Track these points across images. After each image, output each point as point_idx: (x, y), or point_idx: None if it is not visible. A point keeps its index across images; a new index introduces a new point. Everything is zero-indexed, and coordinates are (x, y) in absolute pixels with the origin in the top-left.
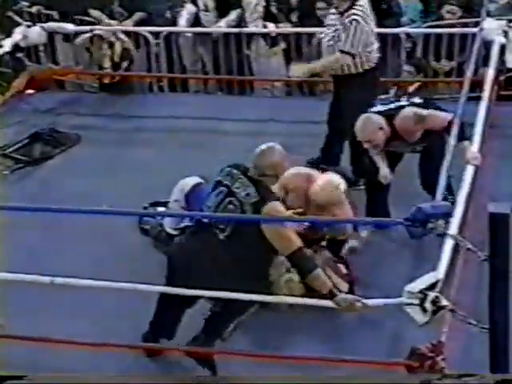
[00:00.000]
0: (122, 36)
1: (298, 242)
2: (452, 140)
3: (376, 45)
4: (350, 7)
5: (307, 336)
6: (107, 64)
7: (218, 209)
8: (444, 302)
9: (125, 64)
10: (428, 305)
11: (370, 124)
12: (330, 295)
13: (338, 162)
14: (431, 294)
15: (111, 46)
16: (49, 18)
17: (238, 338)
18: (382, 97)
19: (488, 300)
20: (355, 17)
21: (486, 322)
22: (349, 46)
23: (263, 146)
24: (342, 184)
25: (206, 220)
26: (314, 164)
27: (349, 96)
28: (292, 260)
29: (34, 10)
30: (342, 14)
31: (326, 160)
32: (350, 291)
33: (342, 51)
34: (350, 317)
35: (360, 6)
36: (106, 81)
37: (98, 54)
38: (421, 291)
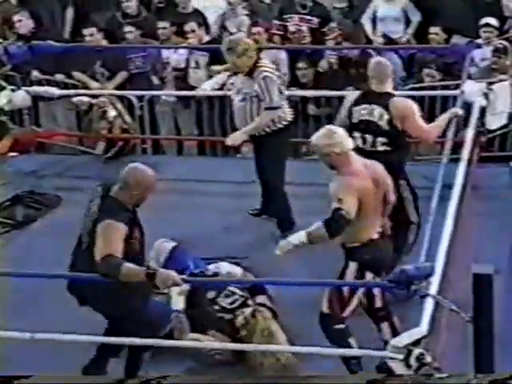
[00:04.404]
0: (123, 111)
1: (112, 250)
2: (433, 203)
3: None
4: (255, 67)
5: None
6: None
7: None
8: (429, 360)
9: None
10: (413, 361)
11: None
12: (150, 278)
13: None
14: (416, 351)
15: (110, 122)
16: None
17: None
18: None
19: (473, 361)
20: (265, 73)
21: None
22: (270, 101)
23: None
24: None
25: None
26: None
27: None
28: (100, 266)
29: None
30: (249, 75)
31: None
32: None
33: (267, 108)
34: None
35: (264, 63)
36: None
37: (97, 124)
38: (405, 346)
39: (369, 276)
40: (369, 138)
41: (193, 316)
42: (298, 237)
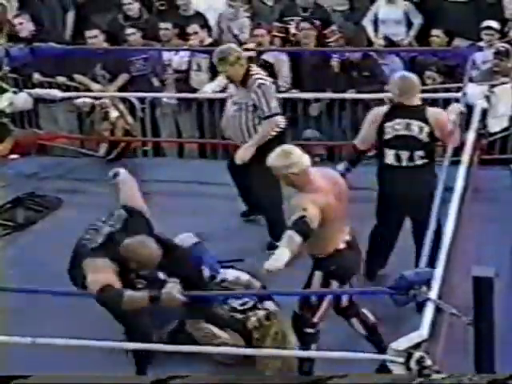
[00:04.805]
0: (125, 112)
1: (110, 281)
2: (435, 206)
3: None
4: (247, 75)
5: None
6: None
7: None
8: (429, 363)
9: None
10: (413, 364)
11: None
12: (151, 300)
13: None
14: (416, 354)
15: (112, 123)
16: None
17: None
18: None
19: (474, 364)
20: (260, 81)
21: None
22: (268, 109)
23: None
24: None
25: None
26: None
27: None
28: (99, 296)
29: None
30: (242, 84)
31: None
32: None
33: (266, 117)
34: None
35: (256, 70)
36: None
37: (99, 125)
38: (406, 349)
39: (334, 284)
40: (404, 153)
41: (205, 315)
42: (283, 257)
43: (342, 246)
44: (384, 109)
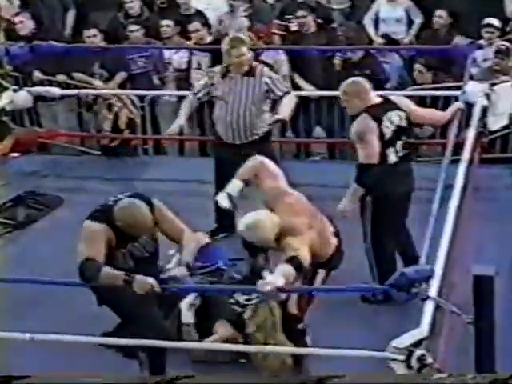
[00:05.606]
0: (129, 103)
1: (90, 253)
2: (434, 204)
3: None
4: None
5: None
6: (108, 127)
7: None
8: (430, 360)
9: (127, 132)
10: (414, 362)
11: None
12: (127, 283)
13: None
14: (417, 351)
15: (115, 114)
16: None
17: None
18: None
19: (474, 362)
20: (267, 68)
21: None
22: (286, 87)
23: None
24: None
25: None
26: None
27: None
28: (81, 270)
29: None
30: (247, 74)
31: None
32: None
33: (287, 92)
34: None
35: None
36: (105, 142)
37: (103, 114)
38: (407, 347)
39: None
40: (398, 144)
41: (208, 304)
42: (279, 280)
43: (330, 253)
44: (366, 116)
